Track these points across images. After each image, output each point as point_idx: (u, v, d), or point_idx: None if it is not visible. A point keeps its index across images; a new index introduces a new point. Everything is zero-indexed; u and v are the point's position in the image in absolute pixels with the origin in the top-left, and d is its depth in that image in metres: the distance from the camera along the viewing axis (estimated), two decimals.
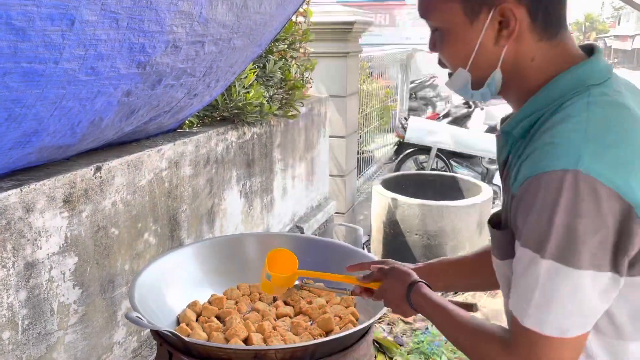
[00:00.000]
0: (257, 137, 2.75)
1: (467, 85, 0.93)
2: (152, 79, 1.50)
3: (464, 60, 0.90)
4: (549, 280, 0.76)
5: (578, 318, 0.77)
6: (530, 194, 0.77)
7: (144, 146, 1.97)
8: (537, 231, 0.76)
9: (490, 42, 0.87)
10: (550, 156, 0.76)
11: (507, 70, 0.88)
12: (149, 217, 1.95)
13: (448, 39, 0.91)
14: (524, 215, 0.79)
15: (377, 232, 4.07)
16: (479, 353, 0.91)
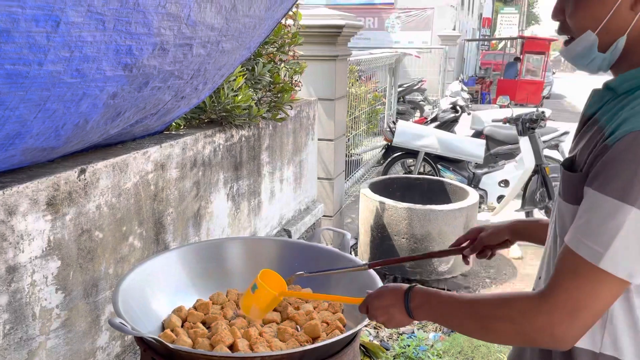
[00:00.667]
0: (245, 140, 2.73)
1: (591, 49, 0.93)
2: (139, 81, 1.48)
3: (596, 22, 0.90)
4: (634, 228, 0.79)
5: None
6: (632, 146, 0.80)
7: (129, 148, 1.94)
8: (631, 181, 0.79)
9: (626, 7, 0.88)
10: None
11: (631, 39, 0.90)
12: (134, 220, 1.93)
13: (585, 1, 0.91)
14: (619, 165, 0.81)
15: (364, 235, 4.07)
16: (513, 314, 0.90)
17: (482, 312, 0.96)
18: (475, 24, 23.12)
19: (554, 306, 0.86)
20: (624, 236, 0.80)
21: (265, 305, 1.35)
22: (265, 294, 1.34)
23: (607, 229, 0.81)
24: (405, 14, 15.66)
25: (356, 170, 6.02)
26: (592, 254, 0.83)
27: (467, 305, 0.99)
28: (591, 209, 0.84)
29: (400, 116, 9.37)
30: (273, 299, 1.34)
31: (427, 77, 12.26)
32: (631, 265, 0.81)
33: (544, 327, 0.87)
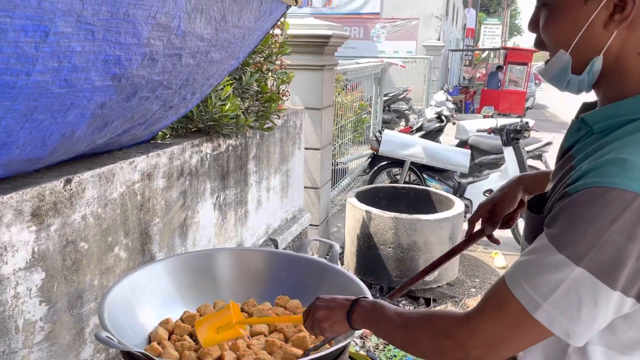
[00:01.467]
0: (232, 149, 2.72)
1: (565, 70, 0.89)
2: (127, 91, 1.47)
3: (568, 40, 0.86)
4: (575, 287, 0.77)
5: (584, 329, 0.79)
6: (590, 202, 0.76)
7: (116, 158, 1.92)
8: (581, 240, 0.76)
9: (599, 25, 0.83)
10: (625, 174, 0.75)
11: (609, 60, 0.85)
12: (120, 230, 1.90)
13: (556, 16, 0.87)
14: (572, 219, 0.78)
15: (350, 244, 4.07)
16: (435, 328, 0.92)
17: (409, 323, 0.97)
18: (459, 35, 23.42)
19: (474, 332, 0.86)
20: (565, 293, 0.78)
21: (217, 325, 1.31)
22: (226, 315, 1.31)
23: (548, 281, 0.79)
24: (391, 23, 15.79)
25: (342, 179, 6.03)
26: (529, 301, 0.81)
27: (399, 316, 1.00)
28: (536, 253, 0.82)
29: (386, 125, 9.42)
30: (229, 323, 1.29)
31: (412, 87, 12.36)
32: (568, 324, 0.79)
33: (460, 347, 0.88)
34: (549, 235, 0.81)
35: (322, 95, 4.10)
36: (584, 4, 0.84)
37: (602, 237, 0.75)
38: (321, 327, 1.13)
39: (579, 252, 0.76)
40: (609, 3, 0.82)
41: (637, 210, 0.73)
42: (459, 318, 0.90)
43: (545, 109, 18.83)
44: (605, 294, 0.76)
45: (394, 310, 1.03)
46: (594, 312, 0.78)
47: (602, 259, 0.75)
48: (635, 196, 0.73)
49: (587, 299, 0.77)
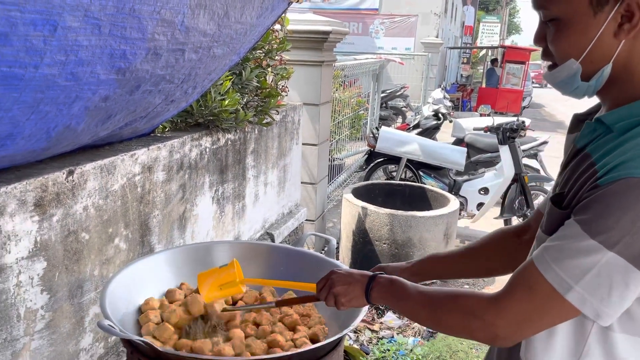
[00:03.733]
0: (231, 144, 2.74)
1: (573, 77, 0.93)
2: (131, 84, 1.49)
3: (579, 51, 0.90)
4: (607, 269, 0.82)
5: (613, 309, 0.85)
6: (624, 192, 0.81)
7: (117, 150, 1.95)
8: (615, 227, 0.81)
9: (609, 35, 0.87)
10: None
11: (618, 66, 0.90)
12: (120, 222, 1.93)
13: (566, 29, 0.90)
14: (606, 208, 0.82)
15: (346, 240, 4.11)
16: (463, 309, 0.96)
17: (435, 303, 1.01)
18: (458, 32, 23.42)
19: (503, 312, 0.91)
20: (596, 275, 0.83)
21: (220, 281, 1.37)
22: (229, 273, 1.37)
23: (579, 264, 0.84)
24: (389, 20, 15.79)
25: (339, 175, 6.06)
26: (560, 283, 0.85)
27: (422, 295, 1.04)
28: (567, 239, 0.87)
29: (383, 122, 9.45)
30: (233, 281, 1.35)
31: (410, 84, 12.38)
32: (598, 305, 0.84)
33: (488, 327, 0.93)
34: (580, 222, 0.85)
35: (321, 91, 4.12)
36: (593, 16, 0.88)
37: (636, 225, 0.80)
38: (339, 301, 1.17)
39: (613, 238, 0.81)
40: (617, 14, 0.86)
41: None
42: (487, 299, 0.94)
43: (541, 108, 18.90)
44: (636, 277, 0.82)
45: (415, 288, 1.06)
46: (624, 294, 0.83)
47: (635, 245, 0.80)
48: None
49: (619, 281, 0.82)
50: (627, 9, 0.85)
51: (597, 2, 0.87)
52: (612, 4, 0.86)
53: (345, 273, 1.19)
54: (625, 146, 0.85)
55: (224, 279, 1.38)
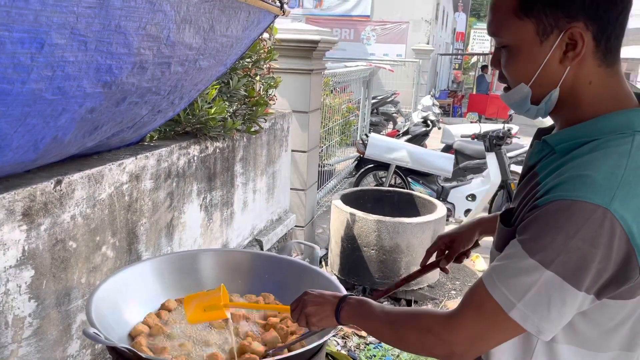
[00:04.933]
0: (219, 152, 2.78)
1: (525, 100, 0.98)
2: (117, 97, 1.53)
3: (528, 76, 0.96)
4: (545, 287, 0.87)
5: (553, 325, 0.90)
6: (557, 213, 0.85)
7: (105, 160, 1.98)
8: (550, 247, 0.86)
9: (555, 62, 0.93)
10: (587, 188, 0.84)
11: (565, 90, 0.95)
12: (107, 230, 1.96)
13: (516, 56, 0.96)
14: (542, 228, 0.87)
15: (335, 246, 4.15)
16: (421, 326, 1.01)
17: (397, 322, 1.06)
18: (449, 39, 23.61)
19: (457, 329, 0.96)
20: (536, 293, 0.87)
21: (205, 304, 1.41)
22: (215, 297, 1.41)
23: (521, 283, 0.88)
24: (381, 26, 15.91)
25: (329, 181, 6.11)
26: (505, 301, 0.90)
27: (386, 314, 1.09)
28: (510, 258, 0.91)
29: (374, 127, 9.51)
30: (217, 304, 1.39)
31: (401, 90, 12.48)
32: (538, 322, 0.88)
33: (444, 344, 0.97)
34: (521, 242, 0.90)
35: (310, 98, 4.17)
36: (539, 45, 0.93)
37: (568, 244, 0.84)
38: (310, 322, 1.21)
39: (549, 257, 0.86)
40: (561, 42, 0.92)
41: (597, 219, 0.83)
42: (443, 316, 0.99)
43: None
44: (572, 294, 0.86)
45: (380, 308, 1.12)
46: (562, 310, 0.88)
47: (569, 263, 0.85)
48: (595, 207, 0.83)
49: (556, 298, 0.87)
50: (570, 37, 0.91)
51: (543, 32, 0.92)
52: (556, 33, 0.91)
53: (317, 294, 1.23)
54: (563, 168, 0.91)
55: (208, 302, 1.42)
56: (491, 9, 0.99)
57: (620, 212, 0.83)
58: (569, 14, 0.90)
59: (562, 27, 0.91)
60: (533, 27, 0.93)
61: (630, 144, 0.89)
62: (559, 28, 0.91)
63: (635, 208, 0.84)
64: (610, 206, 0.83)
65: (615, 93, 0.95)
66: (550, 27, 0.91)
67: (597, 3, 0.88)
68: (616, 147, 0.89)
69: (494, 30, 0.99)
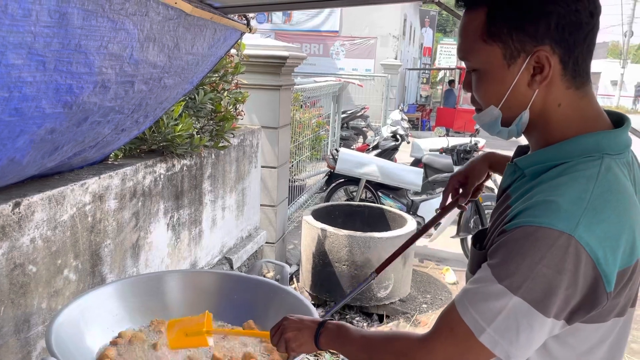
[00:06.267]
0: (186, 169, 2.74)
1: (495, 122, 1.00)
2: (78, 117, 1.49)
3: (497, 99, 0.97)
4: (514, 313, 0.86)
5: (522, 351, 0.89)
6: (522, 239, 0.86)
7: (67, 180, 1.93)
8: (517, 273, 0.85)
9: (523, 85, 0.94)
10: (552, 214, 0.84)
11: (535, 112, 0.96)
12: (69, 253, 1.90)
13: (485, 79, 0.97)
14: (508, 254, 0.87)
15: (306, 262, 4.12)
16: (396, 350, 1.00)
17: (373, 346, 1.06)
18: (417, 53, 24.02)
19: (431, 353, 0.95)
20: (505, 318, 0.87)
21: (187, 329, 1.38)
22: (198, 323, 1.38)
23: (491, 307, 0.88)
24: (349, 42, 16.08)
25: (299, 196, 6.09)
26: (475, 325, 0.90)
27: (363, 339, 1.08)
28: (481, 282, 0.91)
29: (344, 142, 9.56)
30: (200, 330, 1.36)
31: (370, 104, 12.59)
32: (508, 347, 0.88)
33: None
34: (491, 266, 0.90)
35: (279, 114, 4.17)
36: (507, 68, 0.95)
37: (534, 270, 0.84)
38: (289, 347, 1.20)
39: (516, 283, 0.86)
40: (529, 66, 0.93)
41: (562, 246, 0.83)
42: (417, 340, 0.98)
43: None
44: (539, 320, 0.86)
45: (358, 332, 1.11)
46: (530, 336, 0.88)
47: (536, 289, 0.85)
48: (560, 234, 0.83)
49: (524, 324, 0.87)
50: (537, 61, 0.92)
51: (510, 56, 0.93)
52: (523, 57, 0.93)
53: (296, 319, 1.22)
54: (531, 192, 0.91)
55: (191, 327, 1.39)
56: (460, 34, 1.00)
57: (585, 238, 0.83)
58: (535, 38, 0.91)
59: (529, 51, 0.92)
60: (500, 51, 0.94)
61: (598, 168, 0.89)
62: (526, 52, 0.92)
63: (601, 234, 0.85)
64: (575, 232, 0.83)
65: (585, 115, 0.96)
66: (517, 51, 0.93)
67: (562, 27, 0.90)
68: (584, 171, 0.89)
69: (463, 54, 1.00)
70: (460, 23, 1.01)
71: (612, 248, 0.85)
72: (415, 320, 3.89)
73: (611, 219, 0.86)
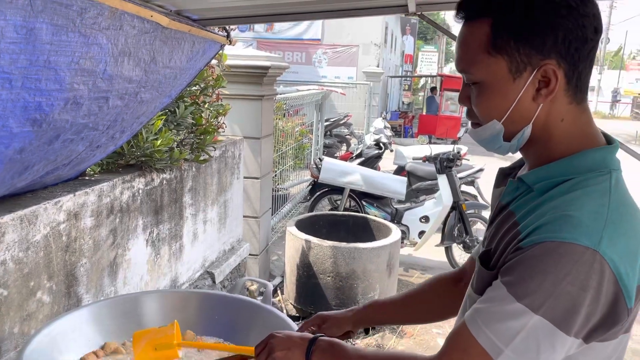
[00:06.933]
0: (166, 183, 2.68)
1: (497, 137, 0.96)
2: (50, 135, 1.43)
3: (501, 113, 0.93)
4: (534, 332, 0.83)
5: None
6: (544, 255, 0.82)
7: (40, 198, 1.85)
8: (538, 290, 0.82)
9: (528, 99, 0.91)
10: (573, 229, 0.82)
11: (537, 127, 0.93)
12: (43, 274, 1.83)
13: (487, 93, 0.94)
14: (528, 271, 0.83)
15: (290, 274, 4.07)
16: None
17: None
18: (398, 61, 24.18)
19: None
20: (524, 338, 0.83)
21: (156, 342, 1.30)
22: (168, 335, 1.30)
23: (508, 327, 0.84)
24: (332, 50, 16.11)
25: (283, 206, 6.04)
26: (492, 347, 0.85)
27: (362, 357, 1.03)
28: (496, 301, 0.87)
29: (328, 149, 9.53)
30: (170, 343, 1.29)
31: (353, 112, 12.60)
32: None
33: None
34: (507, 284, 0.86)
35: (262, 124, 4.12)
36: (512, 81, 0.91)
37: (557, 288, 0.81)
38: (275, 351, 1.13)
39: (537, 301, 0.82)
40: (534, 80, 0.90)
41: (587, 262, 0.80)
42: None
43: None
44: (561, 339, 0.83)
45: (355, 351, 1.06)
46: (551, 356, 0.84)
47: (558, 307, 0.81)
48: (585, 249, 0.80)
49: (546, 344, 0.83)
50: (543, 74, 0.89)
51: (516, 69, 0.90)
52: (529, 70, 0.90)
53: (284, 337, 1.16)
54: (543, 207, 0.88)
55: (160, 340, 1.31)
56: (461, 45, 0.96)
57: (609, 254, 0.81)
58: (541, 51, 0.88)
59: (535, 64, 0.89)
60: (505, 64, 0.91)
61: (609, 182, 0.88)
62: (532, 65, 0.90)
63: (622, 248, 0.83)
64: (599, 247, 0.81)
65: (586, 131, 0.94)
66: (523, 64, 0.90)
67: (569, 41, 0.88)
68: (596, 186, 0.88)
69: (464, 66, 0.96)
70: (460, 34, 0.97)
71: (632, 263, 0.84)
72: (401, 332, 3.86)
73: (629, 233, 0.85)
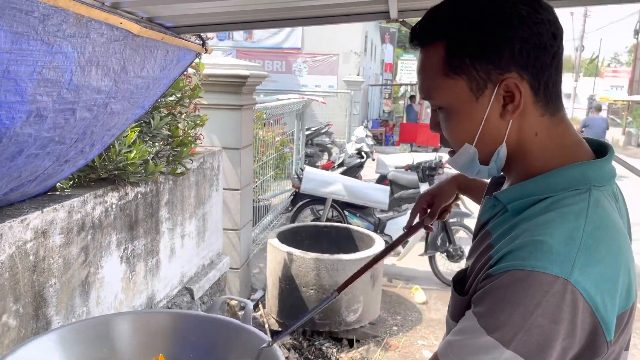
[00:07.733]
0: (141, 197, 2.58)
1: (473, 161, 0.91)
2: (11, 150, 1.34)
3: (471, 136, 0.89)
4: None
5: None
6: (513, 285, 0.76)
7: (4, 216, 1.75)
8: (508, 324, 0.76)
9: (495, 117, 0.86)
10: (543, 257, 0.76)
11: (512, 145, 0.88)
12: (8, 296, 1.72)
13: (453, 116, 0.90)
14: (498, 302, 0.78)
15: (272, 287, 3.97)
16: None
17: None
18: (378, 69, 24.33)
19: None
20: None
21: None
22: None
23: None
24: (312, 58, 16.11)
25: (264, 217, 5.94)
26: None
27: None
28: (467, 333, 0.82)
29: (309, 159, 9.48)
30: None
31: (334, 120, 12.60)
32: None
33: None
34: (478, 315, 0.81)
35: (241, 135, 4.05)
36: (476, 101, 0.87)
37: (528, 321, 0.75)
38: None
39: (507, 335, 0.76)
40: (498, 96, 0.85)
41: (558, 292, 0.74)
42: None
43: None
44: None
45: None
46: None
47: (530, 341, 0.75)
48: (555, 279, 0.75)
49: None
50: (506, 89, 0.85)
51: (477, 88, 0.86)
52: (490, 87, 0.85)
53: None
54: (517, 230, 0.83)
55: None
56: (420, 72, 0.92)
57: (582, 283, 0.75)
58: (499, 65, 0.84)
59: (495, 80, 0.84)
60: (465, 84, 0.86)
61: (587, 202, 0.82)
62: (492, 81, 0.85)
63: (597, 276, 0.77)
64: (571, 277, 0.75)
65: (564, 143, 0.89)
66: (483, 81, 0.85)
67: (527, 51, 0.83)
68: (572, 206, 0.82)
69: (426, 93, 0.92)
70: (417, 61, 0.93)
71: (610, 292, 0.77)
72: (386, 344, 3.79)
73: (606, 259, 0.78)
